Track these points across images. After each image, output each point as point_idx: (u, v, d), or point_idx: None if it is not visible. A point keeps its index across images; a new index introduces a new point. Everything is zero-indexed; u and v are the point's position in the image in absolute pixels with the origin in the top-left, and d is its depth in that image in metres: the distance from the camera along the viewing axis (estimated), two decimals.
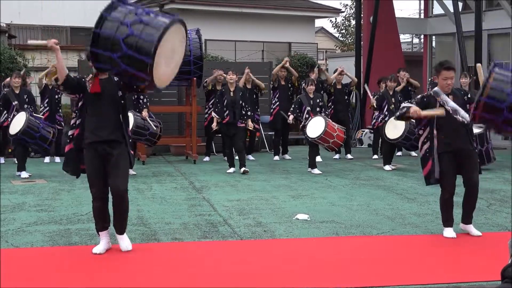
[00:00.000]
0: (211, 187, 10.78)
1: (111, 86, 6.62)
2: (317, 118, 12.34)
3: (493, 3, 18.74)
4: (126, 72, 6.12)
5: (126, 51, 5.92)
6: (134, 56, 5.91)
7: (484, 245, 6.98)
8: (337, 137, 12.26)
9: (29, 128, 11.62)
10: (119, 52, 5.95)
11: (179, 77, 14.26)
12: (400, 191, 10.32)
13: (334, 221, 8.10)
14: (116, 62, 6.01)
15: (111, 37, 5.99)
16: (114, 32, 5.99)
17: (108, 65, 6.16)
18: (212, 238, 7.29)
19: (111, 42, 5.99)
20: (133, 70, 6.02)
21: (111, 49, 5.99)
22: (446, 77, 7.15)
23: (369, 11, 19.22)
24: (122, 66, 6.02)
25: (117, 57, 5.97)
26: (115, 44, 5.96)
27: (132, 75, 6.13)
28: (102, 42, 6.03)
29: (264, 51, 22.88)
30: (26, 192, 10.25)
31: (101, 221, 6.72)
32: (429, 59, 21.00)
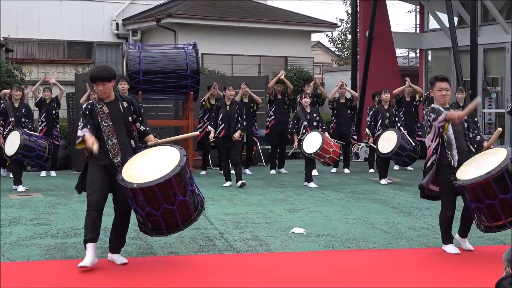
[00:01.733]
0: (207, 200, 10.70)
1: (119, 109, 6.66)
2: (314, 134, 12.34)
3: (488, 18, 18.84)
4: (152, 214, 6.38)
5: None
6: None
7: (479, 258, 7.00)
8: (333, 153, 12.30)
9: (24, 150, 11.70)
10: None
11: (176, 91, 14.37)
12: (396, 205, 10.35)
13: (330, 234, 8.12)
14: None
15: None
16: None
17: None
18: (208, 251, 7.30)
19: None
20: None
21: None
22: (441, 88, 7.18)
23: (365, 26, 19.31)
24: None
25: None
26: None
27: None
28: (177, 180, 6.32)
29: (260, 65, 22.94)
30: (22, 206, 10.25)
31: (94, 232, 6.53)
32: (425, 73, 21.07)
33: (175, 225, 6.48)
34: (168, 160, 6.39)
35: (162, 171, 6.25)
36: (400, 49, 32.24)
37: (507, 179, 6.49)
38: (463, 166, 6.95)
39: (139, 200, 6.30)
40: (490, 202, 6.58)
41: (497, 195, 6.51)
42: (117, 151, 6.55)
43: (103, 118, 6.56)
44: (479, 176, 6.55)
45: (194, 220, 6.60)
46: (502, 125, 18.10)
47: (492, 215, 6.66)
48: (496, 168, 6.48)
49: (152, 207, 6.28)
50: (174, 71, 13.95)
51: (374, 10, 18.55)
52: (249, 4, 24.45)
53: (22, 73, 18.11)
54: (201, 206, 6.67)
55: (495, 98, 18.75)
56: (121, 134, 6.62)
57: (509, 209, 6.57)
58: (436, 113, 7.01)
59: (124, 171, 6.39)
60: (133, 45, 16.50)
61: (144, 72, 13.79)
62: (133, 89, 13.52)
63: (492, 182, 6.47)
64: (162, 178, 6.17)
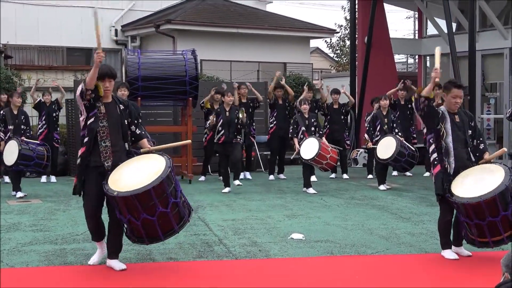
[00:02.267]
0: (206, 206, 10.80)
1: (116, 110, 6.70)
2: (311, 140, 12.36)
3: (487, 23, 18.88)
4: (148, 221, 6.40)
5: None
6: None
7: (477, 264, 7.01)
8: (330, 159, 12.32)
9: (22, 159, 11.73)
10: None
11: (175, 97, 14.38)
12: (395, 210, 10.35)
13: (329, 240, 8.12)
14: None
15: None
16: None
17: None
18: (207, 257, 7.31)
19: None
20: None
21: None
22: (456, 95, 7.14)
23: (363, 32, 19.34)
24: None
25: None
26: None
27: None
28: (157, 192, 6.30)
29: (259, 71, 22.96)
30: (21, 212, 10.25)
31: (97, 234, 6.85)
32: (423, 79, 21.10)
33: (155, 236, 6.52)
34: (152, 170, 6.38)
35: (144, 180, 6.26)
36: (399, 55, 32.29)
37: (499, 204, 6.62)
38: (460, 177, 7.00)
39: (121, 208, 6.36)
40: (478, 222, 6.75)
41: (486, 217, 6.67)
42: (109, 154, 6.58)
43: (100, 118, 6.58)
44: (471, 198, 6.68)
45: (176, 232, 6.60)
46: (501, 130, 18.14)
47: (479, 232, 6.85)
48: (490, 194, 6.61)
49: (132, 215, 6.34)
50: (173, 77, 13.95)
51: (372, 16, 18.60)
52: (248, 10, 24.48)
53: (21, 79, 18.12)
54: (186, 219, 6.66)
55: (493, 104, 18.77)
56: (116, 136, 6.65)
57: (496, 230, 6.73)
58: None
59: (111, 177, 6.44)
60: (132, 51, 16.53)
61: (143, 78, 13.79)
62: (132, 95, 13.53)
63: (483, 205, 6.62)
64: (142, 189, 6.17)
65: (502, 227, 6.71)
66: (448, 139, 7.10)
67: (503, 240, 6.81)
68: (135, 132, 6.85)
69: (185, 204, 6.72)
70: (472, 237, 6.95)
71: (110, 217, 6.68)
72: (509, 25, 18.34)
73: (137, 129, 6.85)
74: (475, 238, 6.93)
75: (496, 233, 6.77)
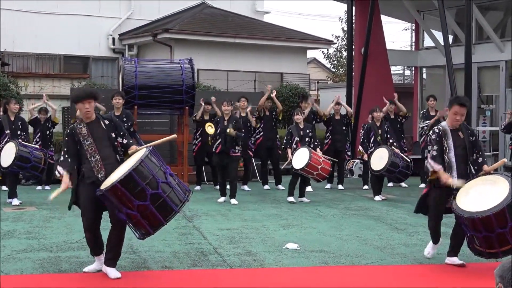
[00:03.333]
0: (201, 215, 10.80)
1: (100, 129, 6.93)
2: (302, 150, 12.36)
3: (483, 36, 18.94)
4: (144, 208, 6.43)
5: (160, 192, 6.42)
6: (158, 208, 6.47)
7: (472, 274, 7.03)
8: (321, 170, 12.31)
9: (19, 161, 11.71)
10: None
11: (172, 106, 14.40)
12: (390, 221, 10.36)
13: (323, 250, 8.13)
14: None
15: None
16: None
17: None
18: (202, 266, 7.31)
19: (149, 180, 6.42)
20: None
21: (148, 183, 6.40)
22: (457, 112, 7.20)
23: (360, 43, 19.40)
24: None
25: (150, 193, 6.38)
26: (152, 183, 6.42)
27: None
28: (140, 175, 6.36)
29: (256, 81, 23.01)
30: (16, 219, 10.24)
31: (95, 248, 6.92)
32: (419, 91, 21.15)
33: (157, 223, 6.57)
34: (133, 159, 6.60)
35: (125, 169, 6.42)
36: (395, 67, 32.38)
37: (507, 215, 6.62)
38: (463, 190, 7.00)
39: (113, 203, 6.45)
40: (487, 234, 6.73)
41: (495, 229, 6.66)
42: (101, 166, 6.79)
43: (84, 137, 6.85)
44: (480, 211, 6.65)
45: (176, 212, 6.66)
46: (496, 143, 18.18)
47: (488, 244, 6.82)
48: (498, 206, 6.59)
49: (128, 207, 6.39)
50: (170, 86, 13.99)
51: (369, 28, 18.64)
52: (245, 20, 24.55)
53: (18, 86, 18.13)
54: (185, 196, 6.71)
55: (489, 116, 18.82)
56: (106, 150, 6.89)
57: (504, 240, 6.72)
58: (438, 153, 7.20)
59: (103, 184, 6.57)
60: (129, 60, 16.54)
61: (140, 87, 13.82)
62: (128, 103, 13.55)
63: (493, 218, 6.61)
64: (123, 175, 6.30)
65: (511, 237, 6.71)
66: (450, 154, 7.18)
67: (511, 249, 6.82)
68: (123, 143, 7.04)
69: (180, 184, 6.77)
70: (480, 249, 6.93)
71: (112, 225, 6.79)
72: (505, 37, 18.41)
73: (124, 140, 7.05)
74: (483, 249, 6.90)
75: (505, 243, 6.77)
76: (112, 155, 6.90)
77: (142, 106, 14.05)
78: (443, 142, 7.20)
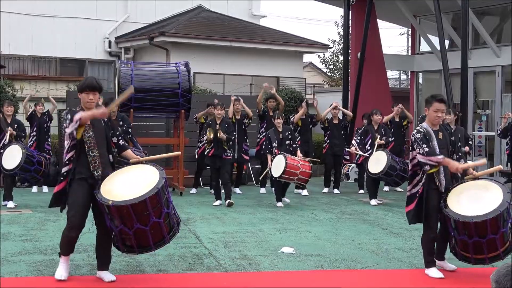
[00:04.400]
0: (197, 219, 10.79)
1: (101, 123, 6.73)
2: (279, 157, 12.41)
3: (479, 41, 18.98)
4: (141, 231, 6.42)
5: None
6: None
7: (467, 280, 7.02)
8: (301, 174, 12.29)
9: (26, 163, 11.64)
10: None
11: (168, 109, 14.38)
12: (386, 225, 10.36)
13: (319, 254, 8.12)
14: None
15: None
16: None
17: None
18: (197, 270, 7.29)
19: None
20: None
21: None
22: (437, 109, 7.07)
23: (357, 47, 19.42)
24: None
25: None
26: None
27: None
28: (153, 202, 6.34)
29: (252, 85, 23.00)
30: (11, 222, 10.21)
31: (70, 249, 6.70)
32: (416, 95, 21.17)
33: (146, 246, 6.55)
34: (147, 180, 6.43)
35: (139, 191, 6.29)
36: (392, 71, 32.42)
37: (500, 221, 6.63)
38: (453, 195, 6.94)
39: (114, 217, 6.34)
40: (478, 240, 6.72)
41: (487, 235, 6.66)
42: (98, 164, 6.60)
43: (86, 128, 6.59)
44: (476, 216, 6.62)
45: (166, 242, 6.65)
46: (492, 147, 18.19)
47: (476, 249, 6.83)
48: (495, 211, 6.58)
49: (125, 225, 6.33)
50: (166, 89, 13.97)
51: (366, 32, 18.67)
52: (242, 24, 24.54)
53: (14, 89, 18.09)
54: (175, 229, 6.73)
55: (485, 121, 18.84)
56: (102, 148, 6.69)
57: (493, 246, 6.73)
58: (431, 149, 6.98)
59: (103, 187, 6.44)
60: (125, 63, 16.55)
61: (136, 90, 13.69)
62: (124, 106, 13.54)
63: (488, 223, 6.60)
64: (138, 198, 6.20)
65: (499, 243, 6.73)
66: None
67: (499, 255, 6.82)
68: (119, 144, 6.93)
69: (175, 215, 6.77)
70: (467, 254, 6.91)
71: (99, 229, 6.68)
72: (501, 42, 18.45)
73: (120, 141, 6.93)
74: (471, 256, 6.89)
75: (493, 249, 6.77)
76: (106, 155, 6.73)
77: (138, 109, 14.03)
78: (429, 143, 7.04)
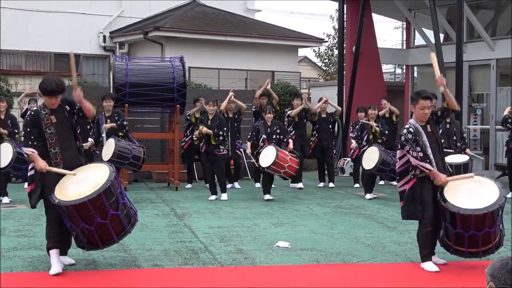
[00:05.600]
0: (192, 214, 10.78)
1: (64, 115, 6.92)
2: (269, 148, 12.39)
3: (474, 34, 18.97)
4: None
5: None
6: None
7: (463, 273, 7.03)
8: (288, 168, 12.30)
9: (16, 162, 11.59)
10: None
11: (163, 104, 14.36)
12: (381, 219, 10.37)
13: (314, 248, 8.12)
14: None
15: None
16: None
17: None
18: (192, 264, 7.29)
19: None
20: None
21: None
22: (423, 107, 7.14)
23: (352, 41, 19.40)
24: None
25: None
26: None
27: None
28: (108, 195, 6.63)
29: (247, 79, 22.98)
30: (6, 217, 10.19)
31: (57, 240, 6.85)
32: (411, 89, 21.13)
33: (109, 239, 6.81)
34: (98, 176, 6.70)
35: (93, 187, 6.55)
36: (387, 65, 32.41)
37: (497, 215, 6.74)
38: (449, 189, 6.96)
39: (73, 217, 6.53)
40: (475, 233, 6.79)
41: (484, 228, 6.75)
42: (59, 160, 6.81)
43: (47, 125, 6.79)
44: (477, 209, 6.68)
45: (128, 232, 6.95)
46: (487, 141, 18.21)
47: (471, 243, 6.89)
48: (494, 205, 6.67)
49: (86, 222, 6.54)
50: (161, 84, 13.94)
51: (360, 26, 18.65)
52: (237, 18, 24.51)
53: (8, 84, 18.05)
54: (134, 219, 7.03)
55: (480, 115, 18.86)
56: (66, 141, 6.87)
57: (488, 240, 6.83)
58: (423, 152, 7.02)
59: (57, 191, 6.61)
60: (120, 58, 16.49)
61: (131, 85, 13.77)
62: (119, 101, 13.52)
63: (488, 216, 6.68)
64: (93, 193, 6.46)
65: (493, 237, 6.84)
66: (428, 151, 7.11)
67: (491, 249, 6.91)
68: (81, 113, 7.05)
69: (131, 205, 7.13)
70: (461, 248, 6.96)
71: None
72: (496, 36, 18.45)
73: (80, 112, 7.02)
74: (465, 249, 6.94)
75: (487, 243, 6.86)
76: (73, 143, 6.94)
77: (133, 104, 14.00)
78: (419, 141, 7.07)
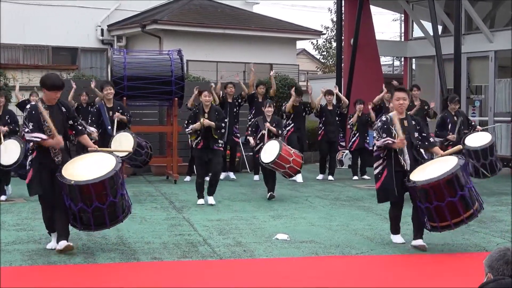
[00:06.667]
0: (191, 207, 10.79)
1: (60, 113, 7.35)
2: (272, 142, 11.50)
3: (472, 26, 18.96)
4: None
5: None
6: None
7: (461, 264, 7.06)
8: (293, 162, 11.40)
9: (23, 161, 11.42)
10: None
11: (161, 97, 14.35)
12: (380, 211, 10.37)
13: (313, 241, 8.13)
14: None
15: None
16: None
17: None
18: (191, 257, 7.29)
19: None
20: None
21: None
22: (398, 98, 7.84)
23: (350, 34, 19.37)
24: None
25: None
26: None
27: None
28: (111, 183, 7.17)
29: (245, 72, 22.97)
30: (5, 212, 10.20)
31: (53, 224, 7.44)
32: (409, 81, 21.13)
33: (103, 223, 7.31)
34: (105, 164, 7.26)
35: (98, 172, 7.13)
36: (385, 57, 32.39)
37: (456, 184, 7.23)
38: (417, 170, 7.60)
39: (74, 196, 7.08)
40: (438, 204, 7.30)
41: (445, 197, 7.24)
42: (58, 150, 7.26)
43: (45, 118, 7.18)
44: (431, 178, 7.28)
45: (120, 221, 7.46)
46: None
47: (440, 216, 7.39)
48: (447, 173, 7.22)
49: (84, 203, 7.08)
50: (159, 77, 13.93)
51: (359, 18, 18.63)
52: (235, 11, 24.48)
53: (6, 78, 18.02)
54: (128, 210, 7.50)
55: (478, 106, 18.86)
56: (60, 134, 7.25)
57: (455, 211, 7.32)
58: (382, 136, 7.69)
59: (64, 169, 7.15)
60: (118, 51, 16.49)
61: (129, 78, 13.76)
62: (117, 95, 13.50)
63: (442, 185, 7.21)
64: (98, 178, 7.04)
65: (461, 208, 7.30)
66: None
67: (463, 221, 7.41)
68: (78, 128, 7.54)
69: (128, 198, 7.57)
70: (434, 224, 7.45)
71: (58, 208, 7.31)
72: (495, 28, 18.43)
73: (78, 126, 7.55)
74: (437, 224, 7.42)
75: (456, 215, 7.32)
76: (64, 142, 7.34)
77: (131, 97, 13.99)
78: (391, 130, 7.67)
